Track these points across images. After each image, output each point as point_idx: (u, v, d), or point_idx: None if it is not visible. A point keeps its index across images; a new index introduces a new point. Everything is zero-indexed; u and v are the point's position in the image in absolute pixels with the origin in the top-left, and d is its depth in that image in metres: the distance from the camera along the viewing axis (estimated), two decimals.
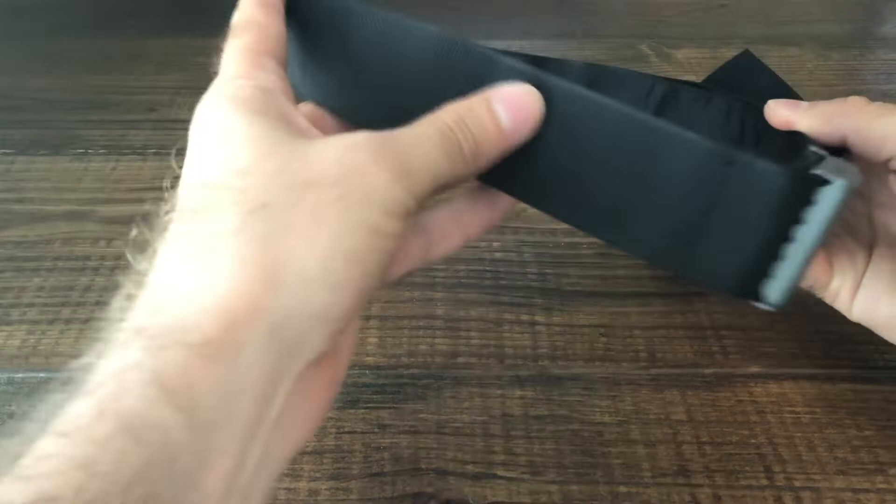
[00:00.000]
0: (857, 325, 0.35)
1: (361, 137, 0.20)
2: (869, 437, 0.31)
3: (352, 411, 0.32)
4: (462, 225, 0.26)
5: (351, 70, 0.25)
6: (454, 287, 0.38)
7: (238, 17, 0.23)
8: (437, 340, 0.35)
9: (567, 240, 0.41)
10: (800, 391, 0.33)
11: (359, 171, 0.19)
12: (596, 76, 0.41)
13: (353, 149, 0.20)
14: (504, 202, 0.26)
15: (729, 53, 0.61)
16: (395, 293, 0.38)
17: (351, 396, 0.33)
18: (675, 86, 0.38)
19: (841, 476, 0.29)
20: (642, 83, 0.39)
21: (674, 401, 0.32)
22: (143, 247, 0.19)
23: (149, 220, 0.20)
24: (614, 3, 0.69)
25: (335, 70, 0.26)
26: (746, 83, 0.36)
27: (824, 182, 0.23)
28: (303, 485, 0.29)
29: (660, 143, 0.22)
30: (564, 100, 0.22)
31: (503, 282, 0.38)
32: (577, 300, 0.37)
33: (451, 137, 0.21)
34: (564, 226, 0.42)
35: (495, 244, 0.40)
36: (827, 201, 0.23)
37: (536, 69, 0.23)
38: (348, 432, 0.31)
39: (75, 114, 0.52)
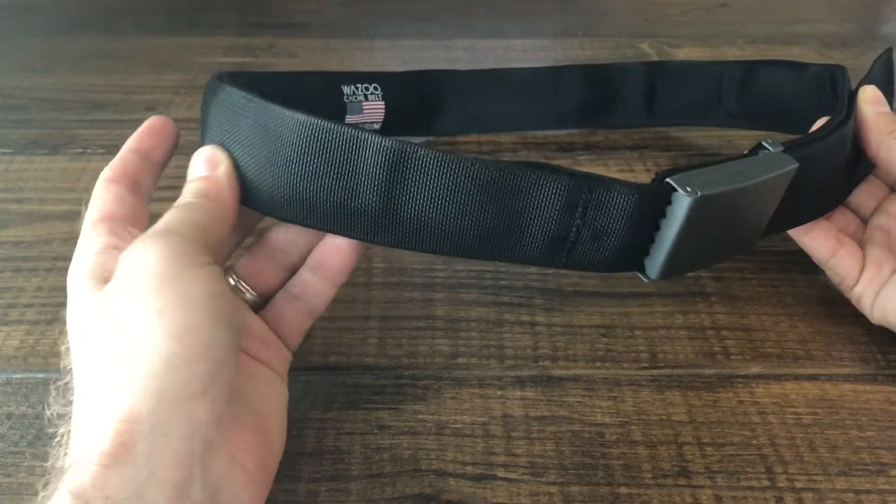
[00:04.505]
0: (859, 326, 0.35)
1: (129, 245, 0.25)
2: (871, 438, 0.31)
3: (351, 412, 0.32)
4: (325, 277, 0.31)
5: (243, 157, 0.28)
6: (454, 287, 0.38)
7: (96, 190, 0.29)
8: (437, 341, 0.35)
9: None
10: (801, 392, 0.33)
11: (138, 266, 0.23)
12: (658, 73, 0.48)
13: (123, 254, 0.24)
14: (350, 246, 0.30)
15: (730, 52, 0.61)
16: (395, 293, 0.37)
17: (350, 397, 0.32)
18: (750, 66, 0.45)
19: (843, 477, 0.29)
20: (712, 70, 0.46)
21: (675, 401, 0.32)
22: (57, 409, 0.25)
23: (65, 390, 0.25)
24: (616, 3, 0.69)
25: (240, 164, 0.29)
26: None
27: (673, 189, 0.27)
28: (302, 486, 0.29)
29: (525, 186, 0.27)
30: (426, 163, 0.26)
31: (503, 282, 0.38)
32: (577, 300, 0.37)
33: (181, 203, 0.27)
34: None
35: None
36: (679, 205, 0.27)
37: (399, 141, 0.26)
38: (347, 433, 0.31)
39: (74, 113, 0.52)
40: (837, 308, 0.36)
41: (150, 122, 0.31)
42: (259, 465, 0.25)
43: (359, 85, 0.44)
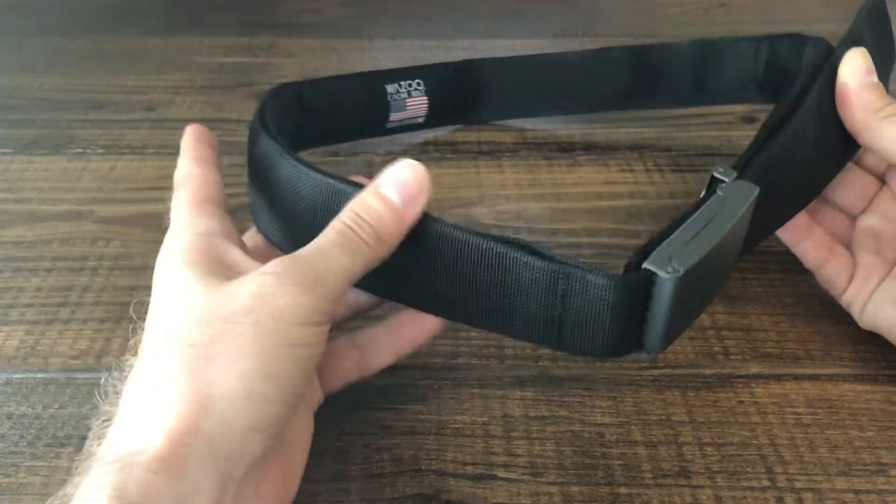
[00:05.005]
0: (859, 326, 0.35)
1: (271, 264, 0.23)
2: (871, 438, 0.31)
3: (351, 412, 0.32)
4: (394, 342, 0.30)
5: (275, 209, 0.30)
6: None
7: (178, 173, 0.28)
8: (437, 341, 0.35)
9: (568, 240, 0.41)
10: (801, 392, 0.33)
11: (268, 294, 0.23)
12: (703, 52, 0.46)
13: (262, 277, 0.23)
14: (429, 323, 0.30)
15: None
16: None
17: (351, 397, 0.32)
18: (773, 42, 0.43)
19: (843, 477, 0.29)
20: (748, 46, 0.44)
21: (675, 402, 0.32)
22: (108, 392, 0.24)
23: (117, 369, 0.25)
24: (616, 3, 0.69)
25: (269, 209, 0.30)
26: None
27: (654, 273, 0.26)
28: (302, 486, 0.29)
29: (509, 264, 0.26)
30: (436, 236, 0.27)
31: None
32: None
33: (349, 234, 0.25)
34: (566, 226, 0.42)
35: None
36: (664, 286, 0.26)
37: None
38: (348, 433, 0.31)
39: (74, 113, 0.52)
40: (837, 308, 0.36)
41: (194, 132, 0.31)
42: (278, 497, 0.25)
43: (402, 83, 0.44)
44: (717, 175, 0.29)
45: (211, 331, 0.22)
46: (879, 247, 0.34)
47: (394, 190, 0.25)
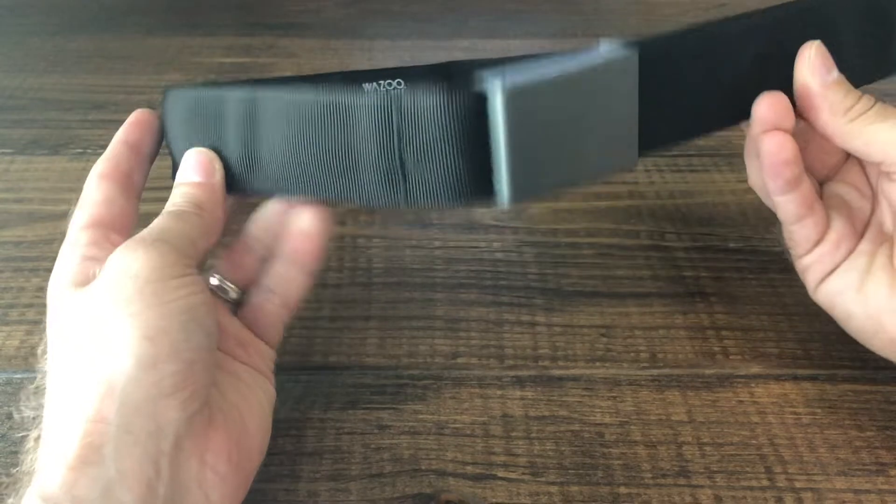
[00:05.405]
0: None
1: (119, 247, 0.25)
2: (870, 438, 0.31)
3: (351, 412, 0.32)
4: (296, 265, 0.30)
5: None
6: (454, 287, 0.38)
7: (83, 195, 0.30)
8: (437, 341, 0.35)
9: (568, 240, 0.41)
10: (801, 392, 0.33)
11: (123, 270, 0.24)
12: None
13: (112, 260, 0.25)
14: (311, 229, 0.30)
15: None
16: (395, 293, 0.37)
17: (350, 397, 0.32)
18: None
19: (842, 477, 0.29)
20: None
21: (675, 401, 0.32)
22: (34, 417, 0.26)
23: (36, 393, 0.26)
24: (615, 3, 0.69)
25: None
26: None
27: (484, 88, 0.25)
28: (302, 486, 0.29)
29: (342, 110, 0.26)
30: (270, 103, 0.27)
31: (503, 282, 0.38)
32: (577, 300, 0.37)
33: (176, 211, 0.27)
34: (565, 226, 0.42)
35: (495, 244, 0.40)
36: (494, 103, 0.25)
37: (251, 89, 0.28)
38: (348, 433, 0.31)
39: (74, 113, 0.52)
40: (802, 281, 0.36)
41: (137, 115, 0.32)
42: (230, 466, 0.25)
43: (381, 82, 0.44)
44: (602, 41, 0.28)
45: (92, 325, 0.24)
46: (851, 215, 0.32)
47: (191, 172, 0.28)
